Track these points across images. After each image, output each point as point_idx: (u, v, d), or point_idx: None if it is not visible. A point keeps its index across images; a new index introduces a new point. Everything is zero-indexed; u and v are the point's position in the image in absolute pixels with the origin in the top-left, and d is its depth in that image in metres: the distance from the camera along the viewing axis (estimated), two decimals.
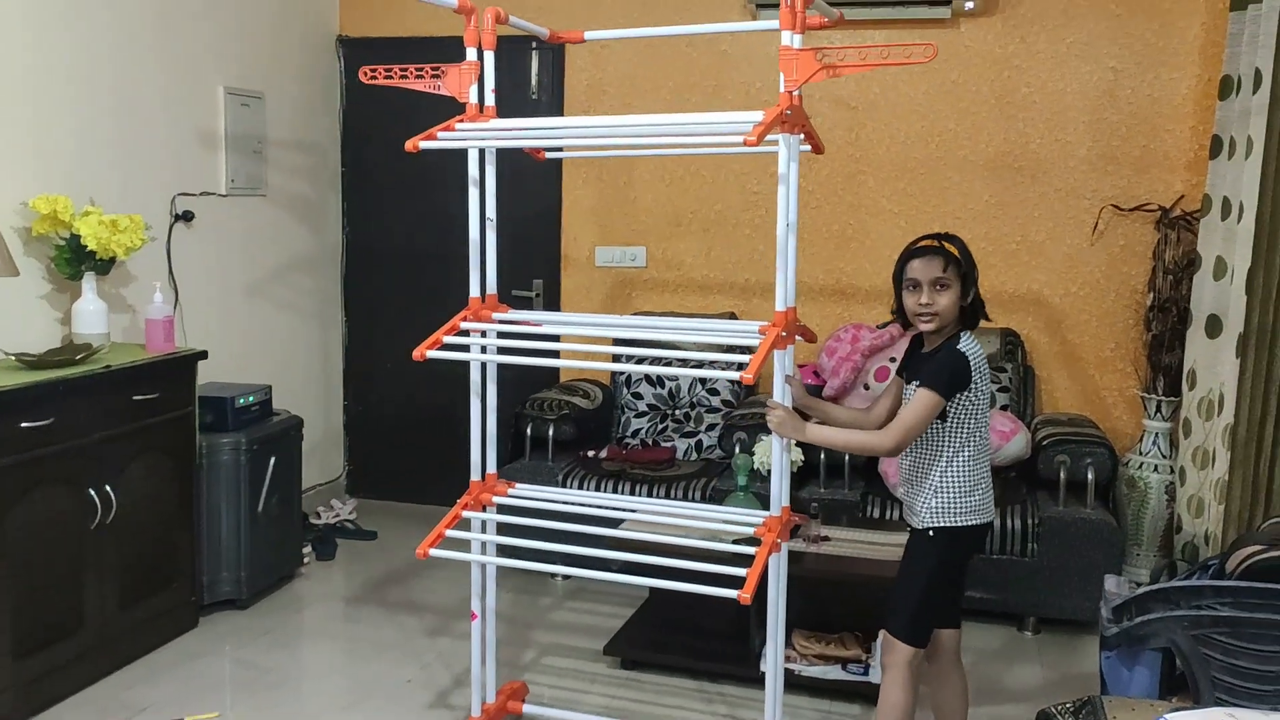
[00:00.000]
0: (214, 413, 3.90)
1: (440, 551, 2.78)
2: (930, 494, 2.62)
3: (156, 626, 3.66)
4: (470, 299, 2.98)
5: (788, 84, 2.61)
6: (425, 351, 2.69)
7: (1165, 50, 4.33)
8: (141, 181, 4.01)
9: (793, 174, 2.65)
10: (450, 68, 2.91)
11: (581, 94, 4.99)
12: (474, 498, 2.97)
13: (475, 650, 3.08)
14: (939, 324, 2.58)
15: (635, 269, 5.00)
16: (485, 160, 3.00)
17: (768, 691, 2.77)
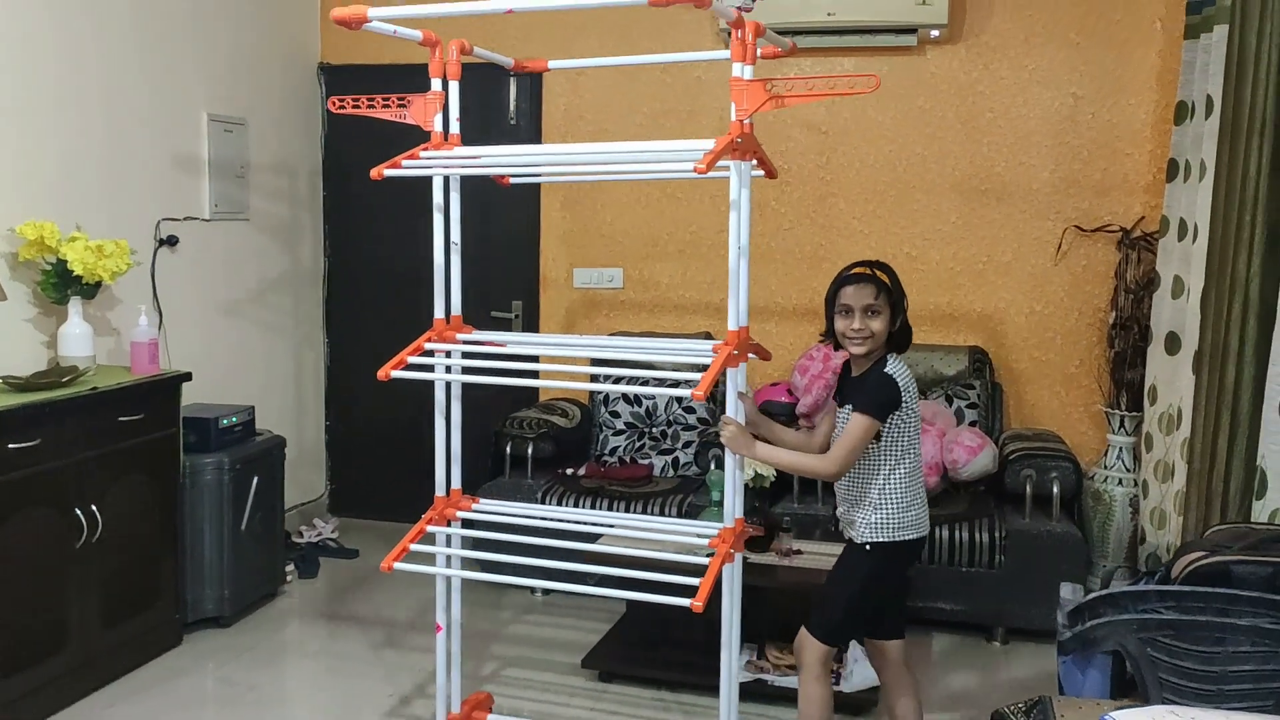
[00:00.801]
0: (197, 433, 3.97)
1: (405, 565, 2.88)
2: (869, 510, 2.75)
3: (140, 644, 3.71)
4: (435, 320, 3.09)
5: (738, 113, 2.74)
6: (390, 372, 2.80)
7: (1124, 77, 4.48)
8: (126, 207, 4.08)
9: (744, 200, 2.76)
10: (415, 98, 3.03)
11: (559, 120, 5.09)
12: (438, 513, 3.07)
13: (440, 661, 3.16)
14: (870, 347, 2.71)
15: (613, 290, 5.10)
16: (449, 187, 3.11)
17: (722, 699, 2.86)
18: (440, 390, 3.11)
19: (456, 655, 3.20)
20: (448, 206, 3.10)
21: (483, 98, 5.08)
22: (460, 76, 3.05)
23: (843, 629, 2.80)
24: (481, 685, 3.62)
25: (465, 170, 3.01)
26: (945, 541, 4.00)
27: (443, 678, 3.16)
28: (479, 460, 4.67)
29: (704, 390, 2.52)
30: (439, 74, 3.02)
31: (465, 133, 4.13)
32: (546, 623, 4.21)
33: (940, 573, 4.01)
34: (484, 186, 4.85)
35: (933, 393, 4.52)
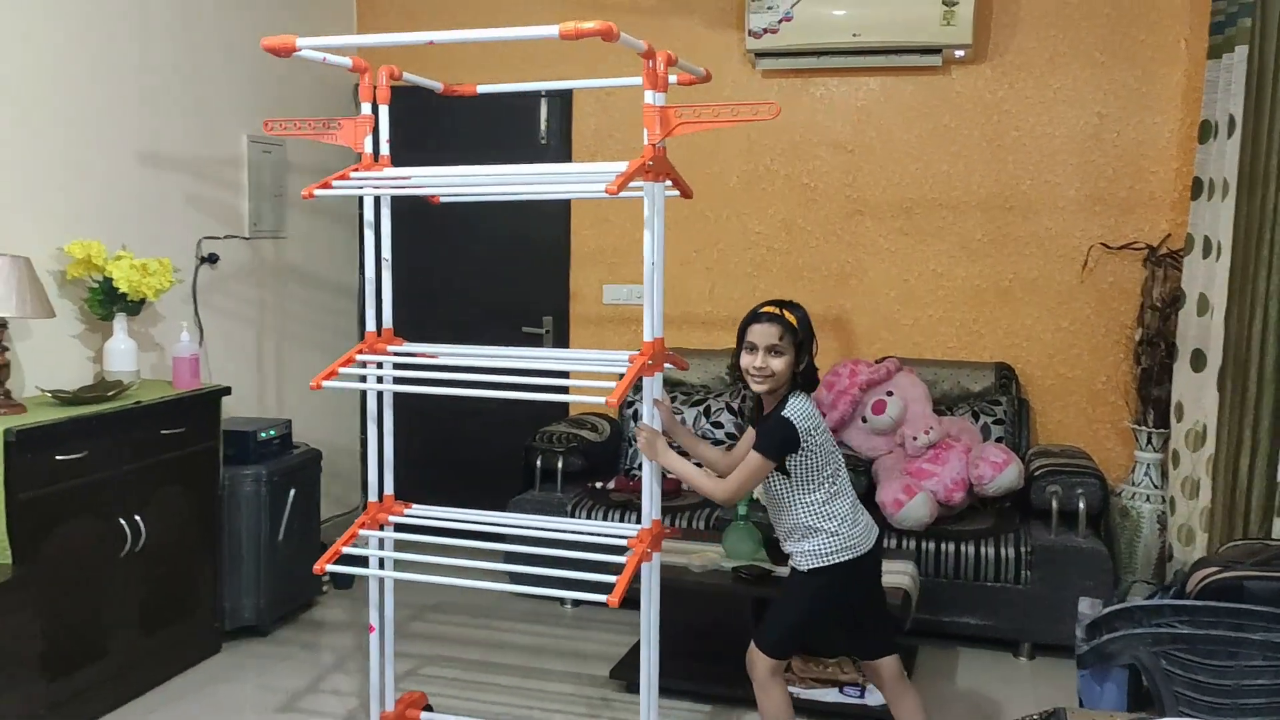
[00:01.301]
0: (236, 446, 4.08)
1: (335, 567, 3.05)
2: (800, 540, 2.88)
3: (180, 652, 3.81)
4: (366, 333, 3.24)
5: (651, 137, 2.88)
6: (321, 382, 2.96)
7: (1149, 96, 4.50)
8: (170, 226, 4.21)
9: (658, 219, 2.94)
10: (345, 121, 3.19)
11: (589, 139, 5.18)
12: (371, 517, 3.21)
13: (374, 659, 3.29)
14: (772, 385, 2.81)
15: (640, 306, 5.15)
16: (380, 205, 3.25)
17: (642, 699, 3.00)
18: (372, 399, 3.27)
19: (390, 653, 3.34)
20: (378, 223, 3.25)
21: (514, 118, 5.19)
22: (389, 100, 3.19)
23: (786, 644, 2.93)
24: (508, 695, 3.69)
25: (393, 190, 3.17)
26: (970, 557, 4.03)
27: (375, 676, 3.30)
28: (511, 473, 4.75)
29: (617, 398, 2.66)
30: (369, 98, 3.16)
31: (494, 152, 4.24)
32: (576, 635, 4.27)
33: (965, 588, 4.04)
34: (517, 207, 4.98)
35: (959, 409, 4.55)
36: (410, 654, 4.02)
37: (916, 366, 4.63)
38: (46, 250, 3.66)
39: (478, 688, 3.76)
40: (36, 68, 3.60)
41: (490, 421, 5.20)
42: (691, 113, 2.86)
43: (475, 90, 3.47)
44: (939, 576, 4.06)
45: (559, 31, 2.64)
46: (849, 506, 2.89)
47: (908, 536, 4.09)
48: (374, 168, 3.16)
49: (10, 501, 3.10)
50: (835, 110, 4.88)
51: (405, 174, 3.09)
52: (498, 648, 4.13)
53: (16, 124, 3.54)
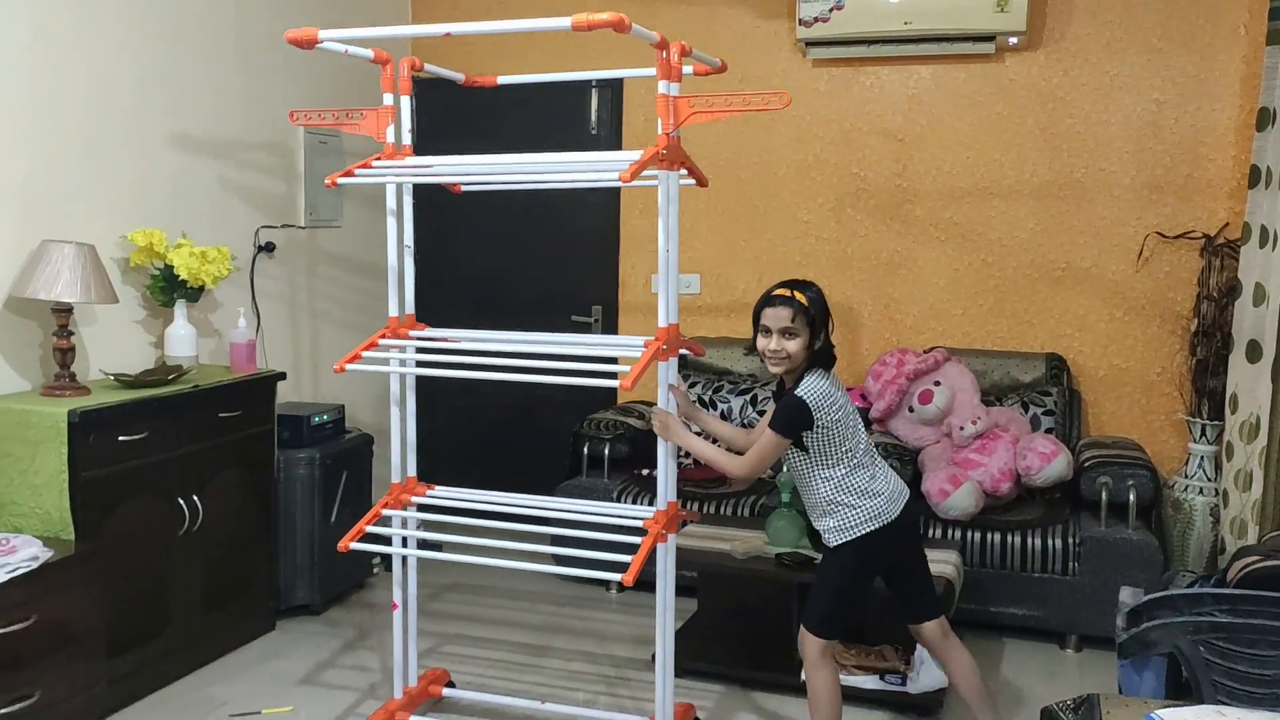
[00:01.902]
0: (291, 430, 4.18)
1: (360, 545, 3.13)
2: (824, 517, 2.92)
3: (236, 628, 3.92)
4: (389, 319, 3.30)
5: (665, 126, 2.91)
6: (344, 365, 3.05)
7: (1207, 82, 4.42)
8: (228, 216, 4.32)
9: (671, 205, 2.98)
10: (369, 111, 3.25)
11: (639, 129, 5.21)
12: (394, 498, 3.29)
13: (397, 636, 3.37)
14: (788, 366, 2.86)
15: (689, 296, 5.20)
16: (403, 193, 3.31)
17: (657, 678, 3.05)
18: (395, 382, 3.34)
19: (413, 630, 3.42)
20: (401, 211, 3.32)
21: (565, 108, 5.24)
22: (411, 92, 3.26)
23: (832, 621, 2.94)
24: (550, 677, 3.74)
25: (414, 179, 3.22)
26: (1017, 547, 4.01)
27: (399, 651, 3.37)
28: (558, 460, 4.81)
29: (631, 381, 2.70)
30: (390, 89, 3.22)
31: (545, 143, 4.28)
32: (619, 620, 4.32)
33: (1013, 578, 4.02)
34: (567, 196, 5.02)
35: (1008, 399, 4.52)
36: (432, 632, 4.11)
37: (966, 356, 4.60)
38: (111, 238, 3.77)
39: (500, 666, 3.82)
40: (102, 63, 3.72)
41: (539, 409, 5.28)
42: (704, 102, 2.90)
43: (496, 81, 3.52)
44: (985, 567, 4.04)
45: (571, 23, 2.68)
46: (867, 479, 2.91)
47: (954, 526, 4.08)
48: (396, 157, 3.23)
49: (74, 480, 3.21)
50: (886, 99, 4.85)
51: (425, 163, 3.16)
52: (540, 630, 4.19)
53: (83, 117, 3.66)
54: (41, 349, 3.56)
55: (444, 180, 3.30)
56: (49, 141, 3.54)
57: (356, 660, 3.88)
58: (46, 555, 3.02)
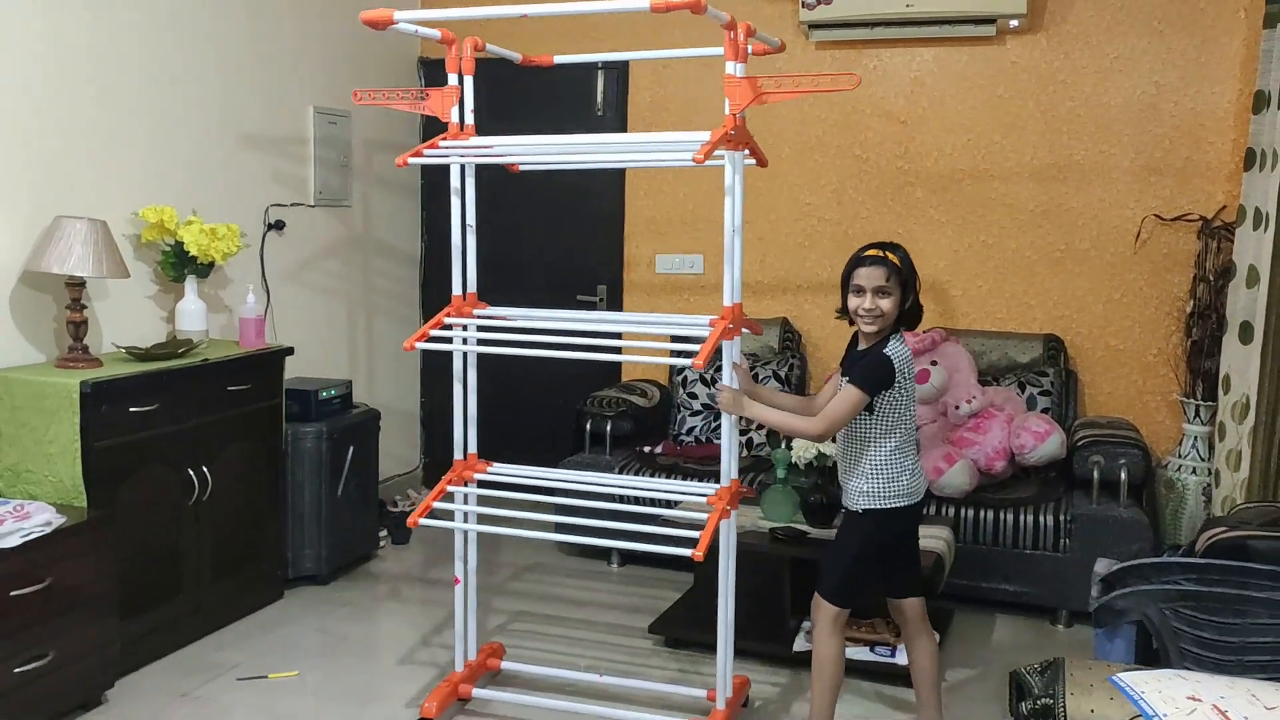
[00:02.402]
0: (299, 404, 4.27)
1: (428, 521, 3.17)
2: (861, 479, 2.94)
3: (245, 596, 4.03)
4: (453, 297, 3.34)
5: (732, 107, 2.97)
6: (414, 343, 3.08)
7: (1207, 65, 4.45)
8: (239, 193, 4.41)
9: (738, 186, 3.05)
10: (433, 91, 3.28)
11: (644, 111, 5.27)
12: (457, 474, 3.34)
13: (459, 610, 3.43)
14: (881, 325, 2.89)
15: (693, 275, 5.26)
16: (466, 173, 3.35)
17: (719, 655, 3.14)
18: (458, 360, 3.37)
19: (473, 604, 3.48)
20: (464, 191, 3.36)
21: (571, 90, 5.30)
22: (473, 71, 3.29)
23: (847, 589, 2.98)
24: (551, 644, 3.84)
25: (480, 159, 3.26)
26: (1010, 524, 4.07)
27: (460, 625, 3.43)
28: (562, 436, 4.90)
29: (702, 360, 2.78)
30: (455, 69, 3.26)
31: (549, 123, 4.34)
32: (620, 591, 4.41)
33: (1005, 555, 4.09)
34: (572, 177, 5.08)
35: (1005, 380, 4.57)
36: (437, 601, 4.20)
37: (964, 337, 4.66)
38: (123, 215, 3.87)
39: (526, 636, 3.91)
40: (115, 41, 3.80)
41: (543, 386, 5.36)
42: (774, 83, 2.95)
43: (553, 60, 3.57)
44: (978, 543, 4.11)
45: (650, 4, 2.74)
46: (912, 456, 2.98)
47: (947, 503, 4.14)
48: (460, 136, 3.28)
49: (86, 449, 3.32)
50: (888, 81, 4.90)
51: (489, 143, 3.20)
52: (541, 600, 4.28)
53: (96, 95, 3.75)
54: (55, 322, 3.66)
55: (511, 161, 3.33)
56: (62, 119, 3.63)
57: (361, 629, 3.98)
58: (60, 521, 3.13)
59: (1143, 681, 1.89)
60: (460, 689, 3.37)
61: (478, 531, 3.44)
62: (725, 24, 2.90)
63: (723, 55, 3.00)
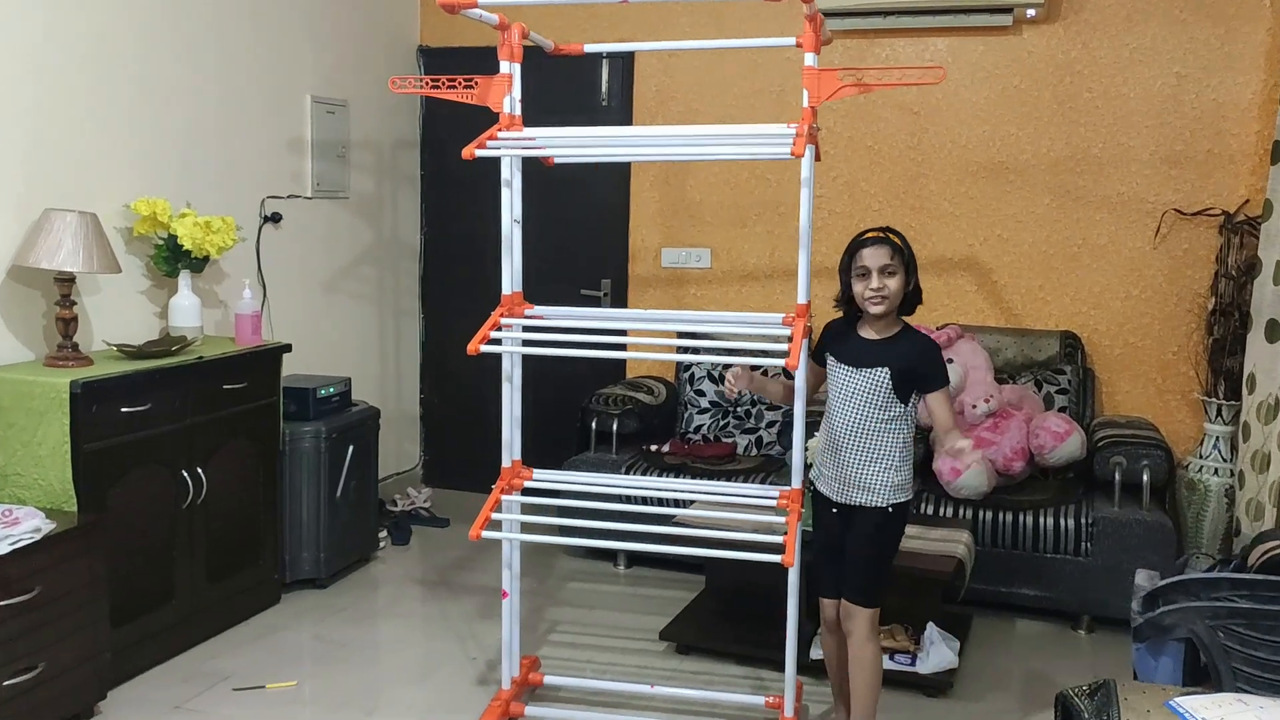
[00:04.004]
0: (297, 402, 4.14)
1: (489, 533, 3.00)
2: (892, 472, 2.87)
3: (241, 601, 3.91)
4: (503, 296, 3.19)
5: (811, 100, 2.85)
6: (479, 346, 2.90)
7: (1230, 55, 4.33)
8: (234, 185, 4.27)
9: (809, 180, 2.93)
10: (482, 79, 3.13)
11: (650, 101, 5.14)
12: (507, 482, 3.19)
13: (506, 627, 3.27)
14: (888, 307, 2.82)
15: (700, 269, 5.14)
16: (513, 166, 3.20)
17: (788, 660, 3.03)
18: (507, 361, 3.23)
19: (516, 619, 3.32)
20: (513, 184, 3.20)
21: (575, 79, 5.16)
22: (522, 59, 3.14)
23: (882, 588, 2.93)
24: (560, 652, 3.72)
25: (553, 152, 3.09)
26: (1030, 527, 3.96)
27: (507, 640, 3.28)
28: (566, 434, 4.78)
29: (795, 359, 2.72)
30: (508, 56, 3.11)
31: (557, 113, 4.21)
32: (628, 593, 4.29)
33: (1025, 558, 3.98)
34: (574, 169, 4.95)
35: (1021, 377, 4.46)
36: (471, 606, 4.09)
37: (979, 333, 4.55)
38: (114, 208, 3.73)
39: (557, 646, 3.79)
40: (107, 30, 3.66)
41: (544, 383, 5.22)
42: (854, 75, 2.85)
43: (583, 49, 3.42)
44: (997, 546, 4.00)
45: None
46: None
47: (965, 505, 4.03)
48: (514, 127, 3.13)
49: (76, 451, 3.18)
50: None
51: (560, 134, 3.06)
52: (547, 605, 4.16)
53: (87, 84, 3.60)
54: (44, 319, 3.52)
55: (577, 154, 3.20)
56: (52, 109, 3.49)
57: (361, 635, 3.86)
58: (49, 527, 3.00)
59: (1203, 707, 1.78)
60: (511, 708, 3.23)
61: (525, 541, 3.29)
62: (808, 15, 2.81)
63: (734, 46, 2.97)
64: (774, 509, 3.18)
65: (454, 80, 3.14)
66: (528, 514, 3.27)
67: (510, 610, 3.25)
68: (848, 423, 2.88)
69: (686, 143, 2.97)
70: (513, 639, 3.28)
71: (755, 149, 3.02)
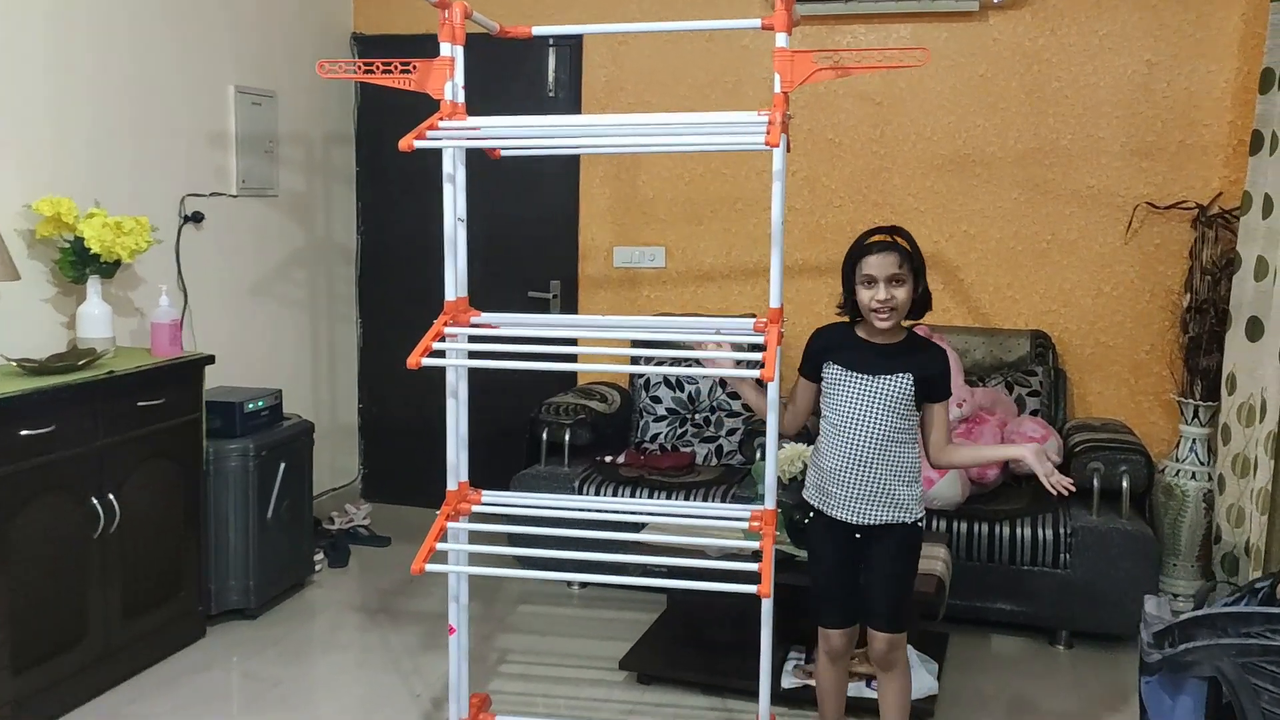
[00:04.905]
0: (222, 418, 3.82)
1: (435, 566, 2.71)
2: (915, 485, 2.66)
3: (162, 638, 3.58)
4: (446, 302, 2.89)
5: (784, 85, 2.60)
6: (420, 360, 2.60)
7: (1203, 42, 4.18)
8: (150, 182, 3.93)
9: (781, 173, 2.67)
10: (421, 63, 2.82)
11: (599, 92, 4.88)
12: (453, 507, 2.89)
13: (453, 665, 2.99)
14: (897, 318, 2.58)
15: (654, 269, 4.89)
16: (457, 159, 2.89)
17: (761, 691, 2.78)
18: (452, 376, 2.92)
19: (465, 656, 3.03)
20: (456, 179, 2.90)
21: (519, 69, 4.89)
22: (465, 42, 2.85)
23: (910, 607, 2.78)
24: (512, 686, 3.45)
25: (501, 143, 2.81)
26: (1006, 539, 3.77)
27: (455, 680, 2.99)
28: (514, 447, 4.50)
29: (771, 370, 2.46)
30: (449, 38, 2.81)
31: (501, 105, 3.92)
32: (583, 616, 4.03)
33: (1001, 571, 3.78)
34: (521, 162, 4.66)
35: (991, 379, 4.27)
36: (414, 635, 3.79)
37: (947, 334, 4.34)
38: (13, 208, 3.39)
39: (509, 679, 3.51)
40: (21, 12, 3.31)
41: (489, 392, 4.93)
42: (829, 58, 2.60)
43: (531, 32, 3.11)
44: (971, 559, 3.80)
45: None
46: None
47: (938, 516, 3.83)
48: (455, 116, 2.83)
49: None
50: None
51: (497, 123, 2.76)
52: (497, 632, 3.89)
53: None
54: None
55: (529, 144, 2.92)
56: None
57: (295, 672, 3.55)
58: None
59: None
60: None
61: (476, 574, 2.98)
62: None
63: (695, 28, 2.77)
64: (745, 533, 2.93)
65: (389, 64, 2.83)
66: (476, 542, 2.98)
67: (458, 647, 2.97)
68: (870, 435, 2.60)
69: (647, 132, 2.69)
70: (460, 678, 2.99)
71: (725, 139, 2.75)
